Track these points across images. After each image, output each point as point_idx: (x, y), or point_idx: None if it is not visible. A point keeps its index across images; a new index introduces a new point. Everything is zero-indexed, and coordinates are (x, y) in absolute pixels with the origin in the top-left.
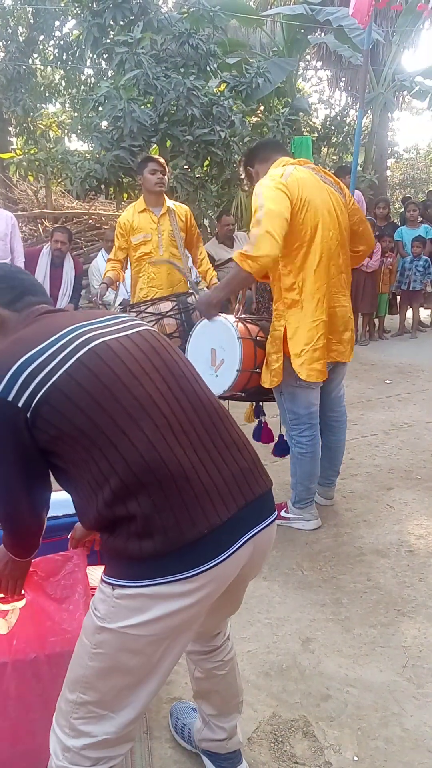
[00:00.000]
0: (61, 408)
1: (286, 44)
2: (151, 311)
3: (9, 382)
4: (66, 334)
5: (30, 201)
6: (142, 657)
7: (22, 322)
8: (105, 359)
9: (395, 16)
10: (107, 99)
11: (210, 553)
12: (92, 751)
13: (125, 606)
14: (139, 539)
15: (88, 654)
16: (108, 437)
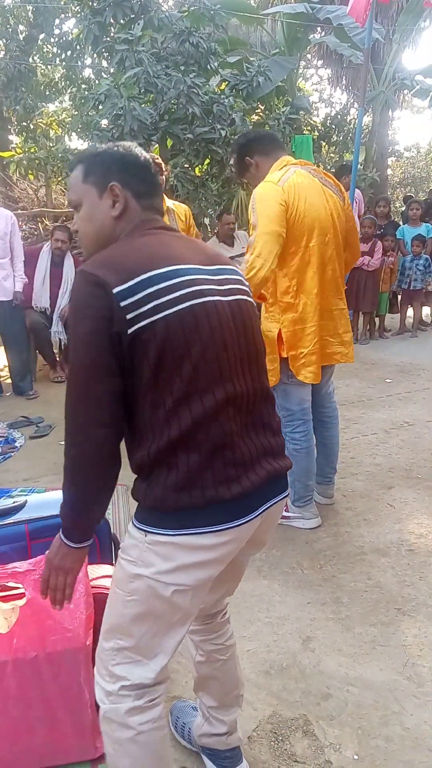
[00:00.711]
0: (159, 342)
1: (286, 43)
2: None
3: (128, 291)
4: (185, 272)
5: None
6: (170, 604)
7: (139, 225)
8: (209, 319)
9: (396, 15)
10: (107, 97)
11: (237, 513)
12: (130, 690)
13: (155, 552)
14: (176, 491)
15: (123, 602)
16: (184, 389)
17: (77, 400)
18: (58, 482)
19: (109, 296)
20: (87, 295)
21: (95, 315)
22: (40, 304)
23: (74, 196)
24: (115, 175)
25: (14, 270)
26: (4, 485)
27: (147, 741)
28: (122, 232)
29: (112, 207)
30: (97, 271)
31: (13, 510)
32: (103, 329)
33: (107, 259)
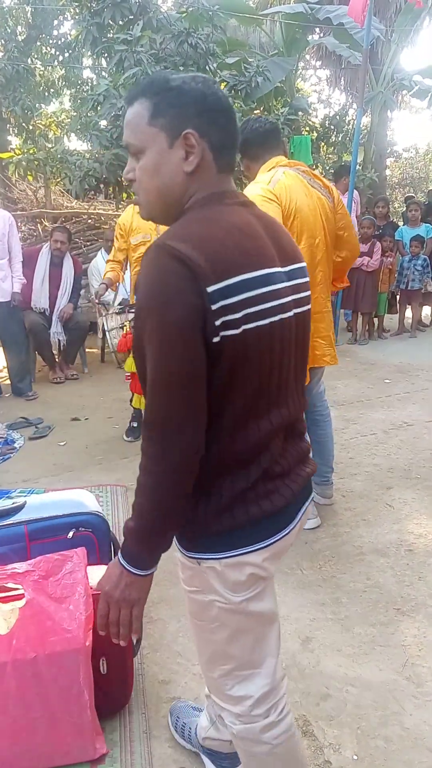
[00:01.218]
0: (237, 356)
1: (285, 44)
2: None
3: (223, 292)
4: (273, 280)
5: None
6: (250, 615)
7: (220, 195)
8: (282, 338)
9: (394, 15)
10: (106, 98)
11: (280, 525)
12: (258, 707)
13: (214, 576)
14: (218, 514)
15: (209, 631)
16: (244, 411)
17: (167, 403)
18: (57, 483)
19: (200, 286)
20: (174, 275)
21: (188, 303)
22: (39, 305)
23: (135, 140)
24: (192, 120)
25: (12, 271)
26: (3, 486)
27: (283, 751)
28: (193, 197)
29: (185, 160)
30: (187, 251)
31: (12, 511)
32: (197, 321)
33: (197, 238)
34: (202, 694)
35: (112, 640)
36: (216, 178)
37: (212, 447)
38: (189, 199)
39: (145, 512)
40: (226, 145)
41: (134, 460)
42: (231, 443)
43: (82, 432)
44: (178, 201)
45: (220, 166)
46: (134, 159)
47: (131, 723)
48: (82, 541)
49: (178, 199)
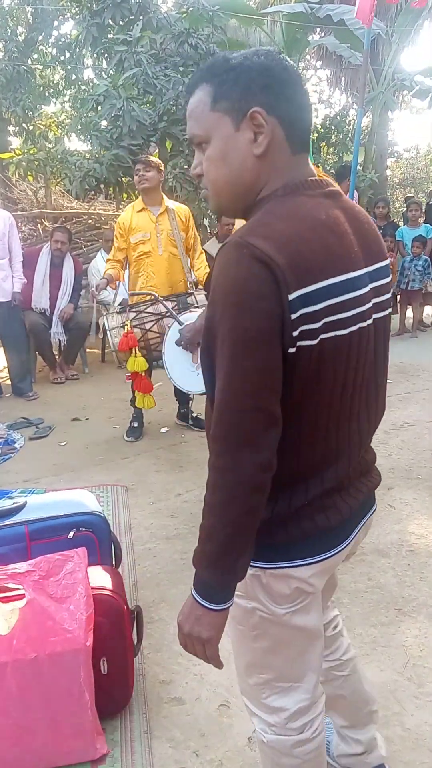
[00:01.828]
0: (311, 366)
1: (285, 44)
2: (151, 311)
3: (305, 299)
4: (357, 285)
5: (29, 201)
6: (292, 628)
7: (301, 184)
8: (363, 344)
9: (395, 15)
10: (106, 98)
11: (334, 542)
12: (293, 721)
13: (258, 584)
14: (272, 526)
15: (250, 638)
16: (313, 425)
17: (240, 415)
18: (57, 483)
19: (281, 293)
20: (255, 279)
21: (268, 310)
22: (40, 305)
23: (199, 130)
24: (257, 97)
25: (13, 271)
26: (3, 486)
27: (310, 765)
28: (267, 185)
29: (254, 141)
30: (271, 252)
31: (12, 511)
32: (277, 328)
33: (279, 236)
34: (203, 693)
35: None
36: (291, 160)
37: (280, 458)
38: (262, 188)
39: (215, 533)
40: (298, 118)
41: (134, 460)
42: (296, 459)
43: (83, 432)
44: (250, 189)
45: (294, 144)
46: (200, 151)
47: (132, 723)
48: (82, 541)
49: (249, 188)
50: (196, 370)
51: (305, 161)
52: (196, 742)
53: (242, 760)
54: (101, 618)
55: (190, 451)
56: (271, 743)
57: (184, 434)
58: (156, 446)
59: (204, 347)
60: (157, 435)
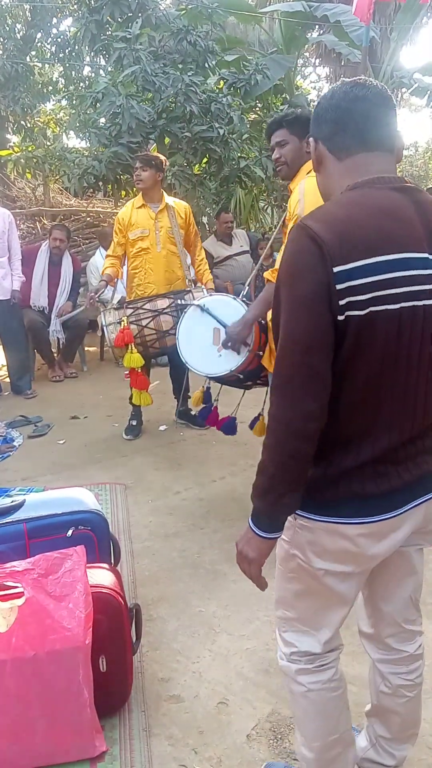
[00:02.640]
0: (361, 336)
1: (284, 41)
2: (148, 308)
3: (348, 273)
4: (409, 265)
5: (28, 198)
6: (323, 585)
7: (347, 174)
8: (418, 322)
9: (393, 13)
10: (105, 95)
11: (381, 509)
12: (300, 656)
13: (304, 535)
14: (325, 483)
15: (285, 578)
16: (363, 393)
17: (290, 368)
18: (56, 481)
19: (327, 265)
20: (306, 253)
21: (316, 279)
22: (38, 303)
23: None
24: (312, 129)
25: (12, 269)
26: (2, 484)
27: (316, 699)
28: (336, 186)
29: (315, 164)
30: (320, 231)
31: (11, 509)
32: (324, 295)
33: (333, 221)
34: (201, 691)
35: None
36: (341, 166)
37: (329, 421)
38: (335, 191)
39: (265, 469)
40: (336, 131)
41: (133, 459)
42: (347, 421)
43: (82, 430)
44: (325, 193)
45: (338, 152)
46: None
47: (131, 721)
48: (81, 540)
49: (324, 192)
50: (219, 351)
51: (369, 161)
52: (194, 740)
53: (241, 757)
54: (100, 616)
55: (188, 449)
56: (283, 669)
57: (183, 432)
58: (155, 444)
59: (273, 311)
60: (155, 433)
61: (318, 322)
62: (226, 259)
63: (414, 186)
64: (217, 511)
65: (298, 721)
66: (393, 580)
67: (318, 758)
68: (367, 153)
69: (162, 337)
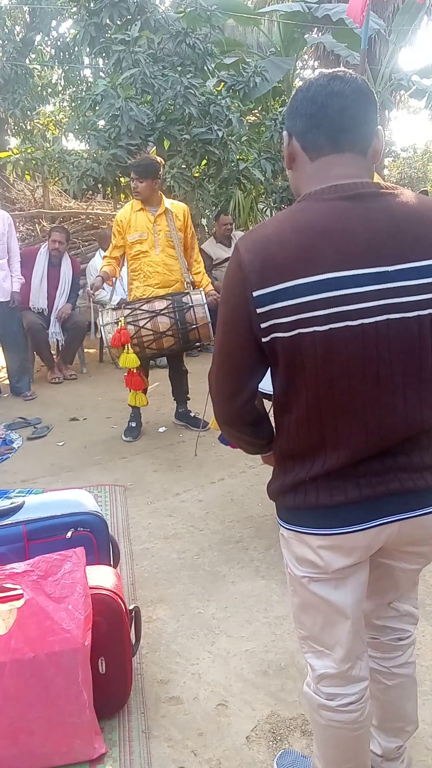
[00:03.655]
0: (290, 356)
1: (283, 43)
2: (146, 309)
3: (267, 298)
4: (337, 285)
5: (27, 200)
6: (314, 595)
7: (312, 178)
8: (364, 341)
9: (392, 15)
10: (104, 98)
11: (342, 522)
12: (324, 685)
13: (285, 543)
14: (285, 492)
15: (290, 592)
16: (307, 411)
17: (216, 366)
18: (55, 483)
19: (247, 290)
20: (232, 276)
21: (236, 302)
22: (38, 305)
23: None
24: (287, 122)
25: (11, 270)
26: (2, 486)
27: (336, 734)
28: (303, 189)
29: (287, 159)
30: (246, 253)
31: (10, 511)
32: (244, 318)
33: (260, 240)
34: (201, 693)
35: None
36: (311, 166)
37: (282, 434)
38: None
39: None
40: (308, 127)
41: (133, 460)
42: (296, 437)
43: (81, 432)
44: (297, 194)
45: (309, 151)
46: None
47: (130, 723)
48: (80, 541)
49: (296, 193)
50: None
51: (332, 164)
52: (194, 742)
53: (240, 759)
54: (99, 618)
55: (188, 450)
56: (306, 695)
57: (182, 434)
58: (154, 446)
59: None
60: (155, 435)
61: (236, 341)
62: (225, 261)
63: (373, 191)
64: (217, 513)
65: (315, 739)
66: (374, 586)
67: None
68: (337, 155)
69: (159, 338)
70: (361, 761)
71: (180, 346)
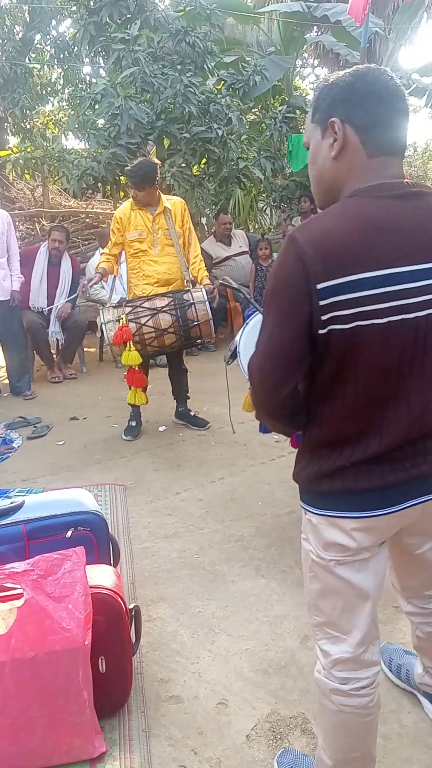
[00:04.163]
0: (347, 347)
1: (282, 42)
2: (147, 306)
3: (332, 290)
4: (398, 279)
5: (27, 200)
6: (339, 579)
7: (374, 188)
8: (410, 334)
9: (392, 14)
10: (104, 96)
11: (376, 504)
12: (338, 669)
13: (312, 529)
14: (320, 478)
15: (308, 579)
16: (355, 399)
17: (262, 359)
18: (55, 482)
19: (310, 283)
20: (290, 269)
21: (296, 295)
22: (38, 304)
23: (305, 138)
24: (337, 109)
25: (11, 270)
26: (1, 486)
27: (346, 720)
28: (347, 183)
29: (331, 146)
30: (307, 247)
31: (10, 510)
32: (302, 311)
33: (320, 233)
34: (201, 692)
35: None
36: (368, 163)
37: (320, 424)
38: (343, 189)
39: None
40: (374, 124)
41: (132, 459)
42: (337, 427)
43: (81, 431)
44: (331, 187)
45: (369, 149)
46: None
47: (130, 722)
48: (80, 541)
49: (330, 186)
50: None
51: (387, 164)
52: (194, 740)
53: (240, 757)
54: (99, 617)
55: (188, 449)
56: (317, 682)
57: (182, 433)
58: (154, 445)
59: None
60: (155, 434)
61: (292, 333)
62: (225, 259)
63: (418, 190)
64: (217, 512)
65: (322, 729)
66: (406, 571)
67: (336, 767)
68: (394, 156)
69: (161, 336)
70: (368, 750)
71: (181, 343)
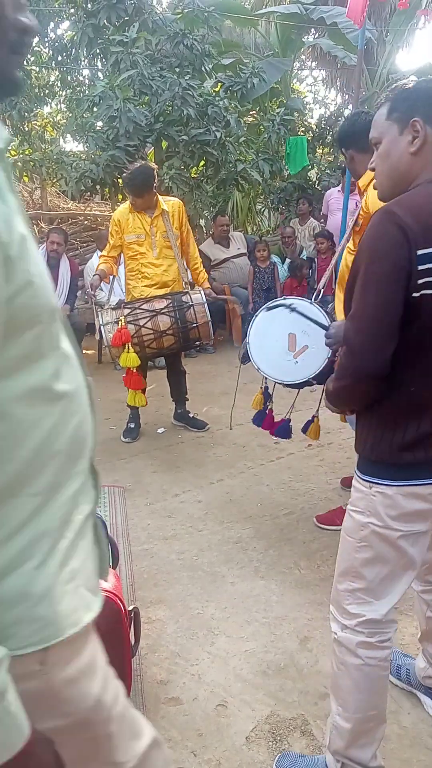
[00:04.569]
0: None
1: (280, 44)
2: (146, 308)
3: (428, 256)
4: None
5: (25, 202)
6: (396, 549)
7: None
8: None
9: (389, 16)
10: (102, 99)
11: None
12: (364, 626)
13: (381, 501)
14: (402, 450)
15: (354, 548)
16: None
17: (359, 330)
18: None
19: (411, 249)
20: (392, 237)
21: (397, 261)
22: None
23: (375, 133)
24: (419, 110)
25: None
26: None
27: (370, 673)
28: (421, 173)
29: (411, 143)
30: (406, 218)
31: None
32: (401, 276)
33: (416, 207)
34: (200, 693)
35: None
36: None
37: (405, 390)
38: (415, 180)
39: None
40: None
41: (131, 461)
42: (420, 390)
43: None
44: (404, 179)
45: None
46: (376, 150)
47: None
48: None
49: (403, 178)
50: (295, 358)
51: None
52: (193, 742)
53: (240, 759)
54: (98, 619)
55: (186, 451)
56: (341, 640)
57: (181, 435)
58: (153, 447)
59: (348, 283)
60: (153, 436)
61: (390, 300)
62: (224, 261)
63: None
64: (216, 514)
65: (341, 693)
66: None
67: (354, 729)
68: None
69: (159, 337)
70: (384, 708)
71: (180, 345)
